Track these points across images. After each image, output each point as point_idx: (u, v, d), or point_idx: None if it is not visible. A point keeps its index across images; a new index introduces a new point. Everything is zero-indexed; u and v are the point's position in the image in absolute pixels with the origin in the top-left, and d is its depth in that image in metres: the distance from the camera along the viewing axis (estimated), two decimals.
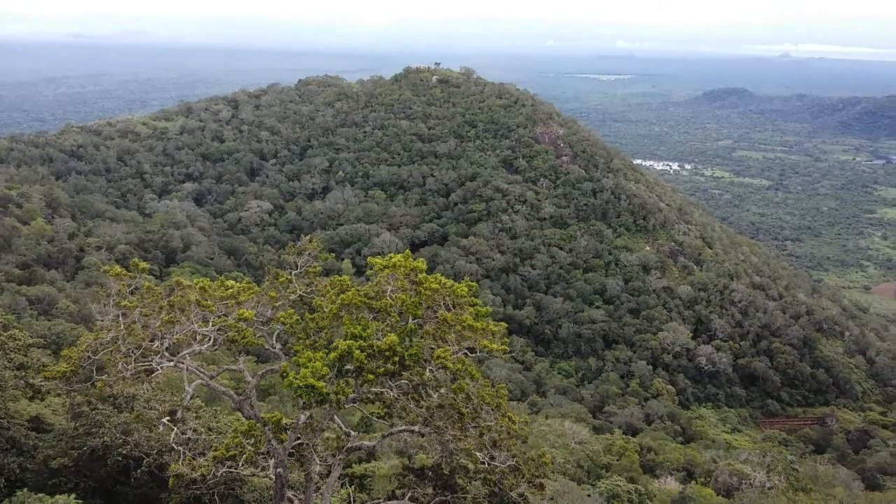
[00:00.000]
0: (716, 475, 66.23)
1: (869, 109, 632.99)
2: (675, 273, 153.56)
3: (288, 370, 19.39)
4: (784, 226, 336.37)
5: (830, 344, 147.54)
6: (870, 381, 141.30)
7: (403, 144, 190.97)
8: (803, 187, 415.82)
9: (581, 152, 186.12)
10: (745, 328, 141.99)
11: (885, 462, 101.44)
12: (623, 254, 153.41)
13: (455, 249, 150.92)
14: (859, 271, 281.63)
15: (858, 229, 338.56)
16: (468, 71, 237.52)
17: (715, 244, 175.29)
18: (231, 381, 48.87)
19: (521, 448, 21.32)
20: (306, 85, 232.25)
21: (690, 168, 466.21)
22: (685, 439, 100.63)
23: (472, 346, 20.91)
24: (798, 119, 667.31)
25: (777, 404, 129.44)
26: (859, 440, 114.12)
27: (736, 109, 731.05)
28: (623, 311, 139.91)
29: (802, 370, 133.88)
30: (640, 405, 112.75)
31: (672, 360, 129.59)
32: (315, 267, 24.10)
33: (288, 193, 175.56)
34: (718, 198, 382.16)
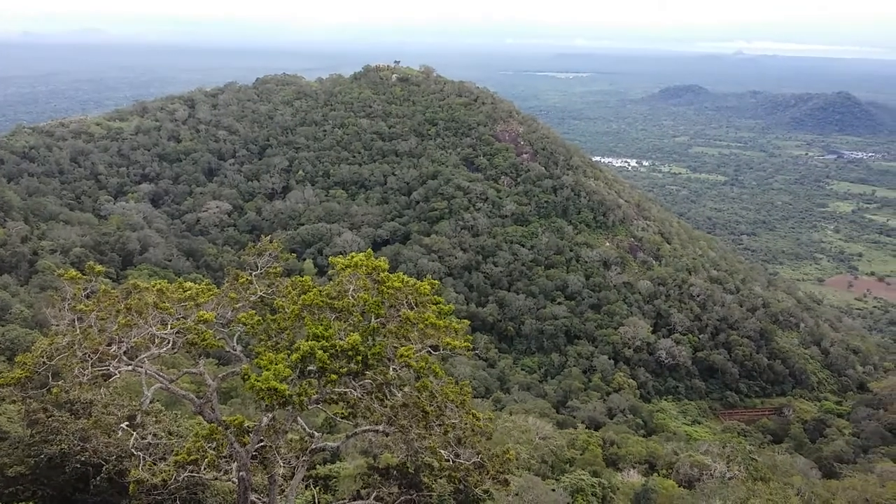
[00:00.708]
0: (677, 467, 67.24)
1: (820, 105, 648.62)
2: (634, 268, 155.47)
3: (249, 372, 19.16)
4: (740, 220, 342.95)
5: (786, 336, 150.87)
6: (825, 372, 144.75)
7: (364, 143, 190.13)
8: (758, 182, 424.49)
9: (541, 150, 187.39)
10: (704, 321, 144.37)
11: (840, 450, 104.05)
12: (584, 250, 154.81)
13: (417, 248, 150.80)
14: (813, 264, 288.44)
15: (812, 223, 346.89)
16: (428, 69, 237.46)
17: (673, 239, 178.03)
18: (192, 385, 48.25)
19: (485, 445, 21.37)
20: (264, 84, 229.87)
21: (648, 164, 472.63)
22: (647, 432, 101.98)
23: (435, 343, 20.90)
24: (752, 115, 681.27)
25: (736, 396, 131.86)
26: (816, 429, 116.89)
27: (692, 106, 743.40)
28: (584, 307, 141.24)
29: (760, 362, 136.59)
30: (603, 399, 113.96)
31: (633, 355, 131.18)
32: (276, 267, 23.87)
33: (247, 193, 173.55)
34: (676, 193, 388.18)
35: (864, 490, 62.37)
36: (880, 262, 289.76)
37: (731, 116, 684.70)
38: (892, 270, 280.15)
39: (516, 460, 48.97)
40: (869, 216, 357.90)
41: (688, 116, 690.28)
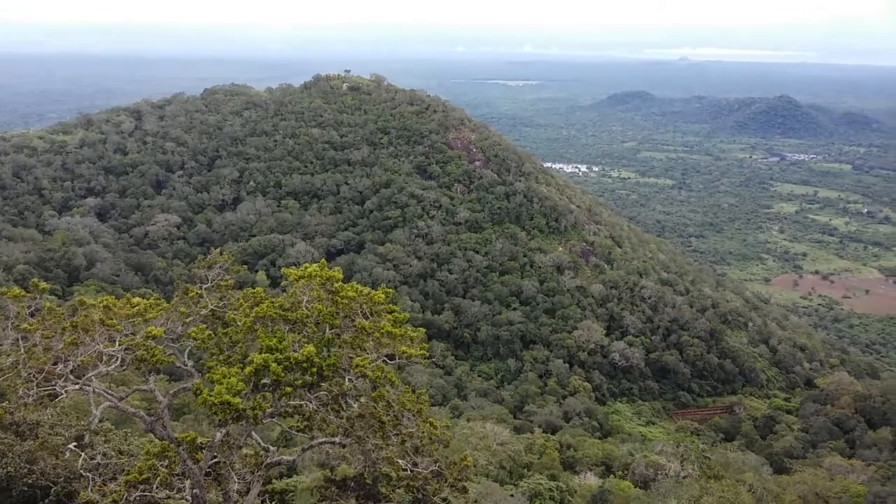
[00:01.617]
0: (633, 468, 68.10)
1: (763, 109, 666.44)
2: (587, 272, 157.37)
3: (202, 387, 18.85)
4: (688, 223, 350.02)
5: (735, 335, 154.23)
6: (773, 369, 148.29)
7: (316, 153, 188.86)
8: (704, 185, 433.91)
9: (493, 157, 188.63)
10: (656, 323, 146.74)
11: (790, 446, 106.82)
12: (537, 255, 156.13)
13: (372, 257, 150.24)
14: (759, 264, 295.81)
15: (757, 224, 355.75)
16: (379, 78, 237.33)
17: (624, 243, 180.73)
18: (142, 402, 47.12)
19: (443, 453, 21.38)
20: (212, 94, 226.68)
21: (598, 170, 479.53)
22: (603, 434, 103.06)
23: (391, 352, 20.84)
24: (698, 120, 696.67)
25: (688, 395, 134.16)
26: (766, 426, 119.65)
27: (639, 112, 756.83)
28: (539, 312, 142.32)
29: (710, 361, 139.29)
30: (559, 403, 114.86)
31: (587, 358, 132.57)
32: (227, 280, 23.53)
33: (197, 205, 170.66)
34: (625, 198, 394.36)
35: (813, 484, 64.07)
36: (824, 261, 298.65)
37: (677, 121, 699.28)
38: (836, 269, 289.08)
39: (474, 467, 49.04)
40: (812, 216, 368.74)
41: (636, 122, 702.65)
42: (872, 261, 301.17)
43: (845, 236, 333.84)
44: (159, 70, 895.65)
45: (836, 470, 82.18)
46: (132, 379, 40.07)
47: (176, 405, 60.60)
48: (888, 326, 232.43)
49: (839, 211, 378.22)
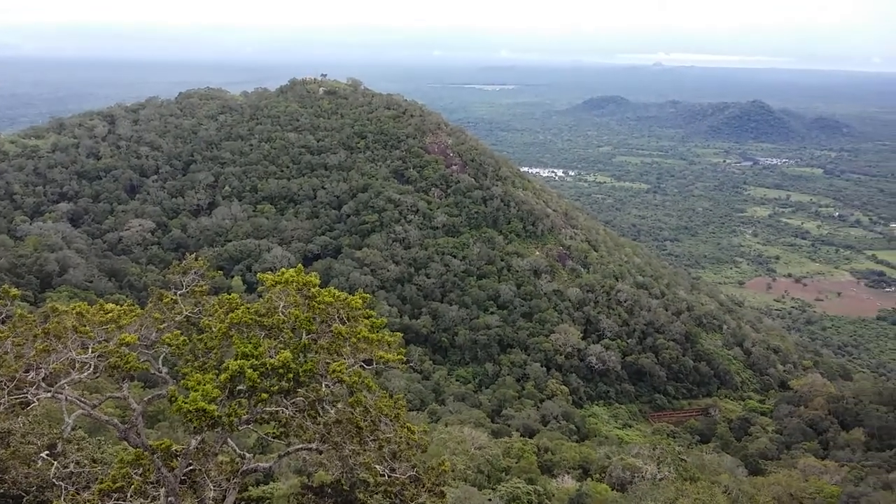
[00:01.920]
0: (610, 470, 68.47)
1: (736, 114, 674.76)
2: (564, 276, 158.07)
3: (176, 394, 18.67)
4: (663, 227, 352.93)
5: (710, 337, 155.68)
6: (747, 371, 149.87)
7: (292, 157, 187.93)
8: (679, 189, 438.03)
9: (470, 161, 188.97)
10: (632, 326, 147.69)
11: (765, 447, 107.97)
12: (514, 259, 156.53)
13: (349, 261, 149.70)
14: (733, 267, 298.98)
15: (731, 228, 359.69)
16: (355, 82, 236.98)
17: (600, 247, 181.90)
18: (116, 410, 46.58)
19: (420, 458, 21.34)
20: (187, 98, 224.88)
21: (574, 174, 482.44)
22: (580, 437, 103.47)
23: (368, 358, 20.79)
24: (672, 125, 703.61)
25: (664, 398, 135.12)
26: (741, 428, 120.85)
27: (614, 117, 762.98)
28: (516, 316, 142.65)
29: (686, 364, 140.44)
30: (536, 407, 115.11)
31: (565, 361, 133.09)
32: (202, 286, 23.34)
33: (171, 210, 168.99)
34: (601, 202, 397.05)
35: (788, 485, 64.78)
36: (797, 264, 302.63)
37: (652, 126, 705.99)
38: (808, 272, 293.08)
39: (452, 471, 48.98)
40: (785, 220, 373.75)
41: (611, 127, 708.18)
42: (844, 264, 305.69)
43: (817, 239, 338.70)
44: (133, 74, 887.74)
45: (810, 471, 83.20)
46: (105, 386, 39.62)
47: (150, 412, 59.92)
48: (860, 328, 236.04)
49: (811, 214, 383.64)
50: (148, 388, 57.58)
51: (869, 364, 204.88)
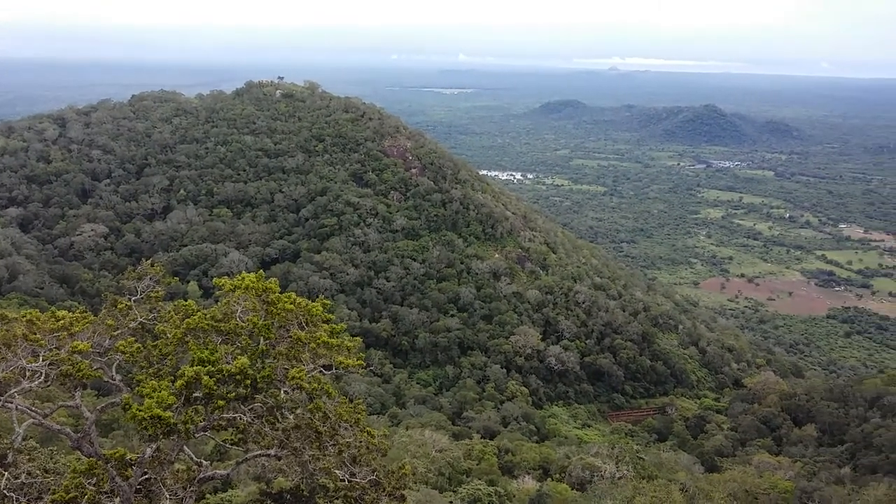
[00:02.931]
0: (569, 470, 69.04)
1: (690, 118, 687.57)
2: (523, 278, 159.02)
3: (130, 402, 18.33)
4: (619, 229, 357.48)
5: (666, 337, 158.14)
6: (703, 370, 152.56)
7: (249, 160, 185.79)
8: (635, 192, 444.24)
9: (429, 164, 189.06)
10: (590, 327, 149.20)
11: (720, 444, 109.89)
12: (474, 262, 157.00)
13: (308, 265, 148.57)
14: (688, 268, 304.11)
15: (686, 229, 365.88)
16: (313, 85, 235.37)
17: (558, 249, 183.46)
18: (69, 419, 45.60)
19: (381, 462, 21.25)
20: (141, 100, 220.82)
21: (532, 177, 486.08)
22: (540, 438, 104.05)
23: (327, 363, 20.66)
24: (628, 128, 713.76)
25: (622, 397, 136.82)
26: (697, 426, 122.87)
27: (571, 120, 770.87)
28: (476, 318, 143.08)
29: (643, 364, 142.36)
30: (497, 408, 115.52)
31: (524, 363, 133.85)
32: (157, 291, 22.97)
33: (125, 215, 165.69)
34: (559, 204, 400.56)
35: (743, 482, 66.03)
36: (749, 265, 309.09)
37: (608, 129, 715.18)
38: (760, 272, 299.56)
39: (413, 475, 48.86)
40: (737, 221, 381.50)
41: (568, 130, 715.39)
42: (795, 264, 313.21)
43: (769, 240, 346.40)
44: (83, 76, 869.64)
45: (765, 467, 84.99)
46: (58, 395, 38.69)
47: (104, 421, 58.79)
48: (810, 327, 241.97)
49: (763, 216, 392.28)
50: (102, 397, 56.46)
51: (820, 361, 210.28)
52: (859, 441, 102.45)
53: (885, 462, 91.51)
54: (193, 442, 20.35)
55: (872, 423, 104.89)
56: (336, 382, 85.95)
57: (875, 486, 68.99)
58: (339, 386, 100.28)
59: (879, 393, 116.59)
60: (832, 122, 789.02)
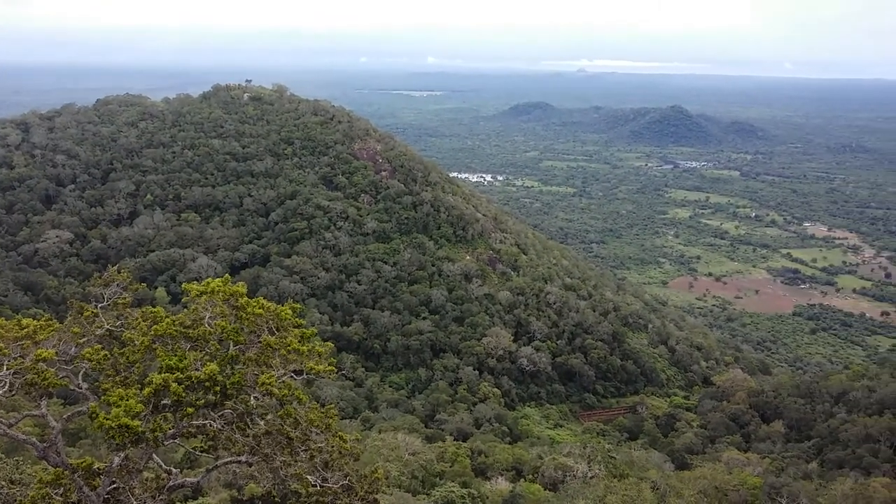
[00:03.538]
0: (542, 471, 69.39)
1: (656, 119, 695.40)
2: (494, 280, 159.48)
3: (97, 410, 18.09)
4: (589, 229, 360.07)
5: (636, 337, 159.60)
6: (672, 369, 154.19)
7: (217, 164, 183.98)
8: (604, 193, 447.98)
9: (399, 167, 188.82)
10: (561, 328, 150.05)
11: (690, 442, 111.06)
12: (445, 264, 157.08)
13: (278, 270, 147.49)
14: (657, 268, 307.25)
15: (654, 229, 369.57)
16: (281, 88, 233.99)
17: (529, 250, 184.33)
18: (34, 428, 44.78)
19: (353, 466, 21.19)
20: (106, 105, 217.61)
21: (503, 179, 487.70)
22: (513, 439, 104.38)
23: (298, 368, 20.57)
24: (596, 130, 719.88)
25: (593, 397, 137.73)
26: (667, 424, 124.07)
27: (540, 122, 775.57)
28: (448, 320, 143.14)
29: (613, 363, 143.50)
30: (469, 410, 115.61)
31: (496, 364, 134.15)
32: (124, 298, 22.68)
33: (90, 220, 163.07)
34: (529, 206, 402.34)
35: (713, 478, 66.83)
36: (716, 264, 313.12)
37: (576, 131, 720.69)
38: (728, 270, 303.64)
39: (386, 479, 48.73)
40: (704, 221, 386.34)
41: (537, 132, 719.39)
42: (761, 262, 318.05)
43: (735, 239, 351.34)
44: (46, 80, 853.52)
45: (734, 463, 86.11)
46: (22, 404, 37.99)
47: (71, 430, 57.86)
48: (777, 324, 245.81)
49: (729, 215, 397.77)
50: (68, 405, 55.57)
51: (786, 358, 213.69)
52: (826, 436, 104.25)
53: (852, 457, 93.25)
54: (163, 450, 20.13)
55: (838, 419, 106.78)
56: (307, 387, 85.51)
57: (842, 480, 70.23)
58: (311, 391, 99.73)
59: (845, 389, 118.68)
60: (796, 121, 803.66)
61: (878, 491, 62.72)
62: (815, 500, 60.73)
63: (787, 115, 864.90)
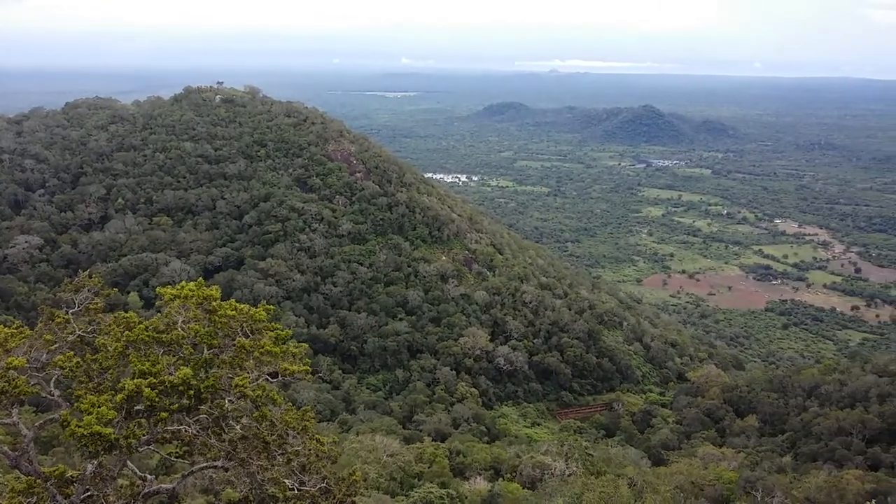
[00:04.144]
0: (520, 469, 69.65)
1: (629, 118, 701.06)
2: (470, 280, 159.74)
3: (69, 418, 17.85)
4: (564, 228, 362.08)
5: (612, 334, 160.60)
6: (647, 366, 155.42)
7: (189, 167, 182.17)
8: (578, 192, 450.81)
9: (374, 168, 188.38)
10: (537, 326, 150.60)
11: (666, 438, 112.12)
12: (421, 265, 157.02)
13: (252, 273, 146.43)
14: (631, 266, 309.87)
15: (628, 228, 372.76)
16: (253, 90, 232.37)
17: (505, 250, 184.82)
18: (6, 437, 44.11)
19: (331, 469, 21.11)
20: (75, 108, 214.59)
21: (477, 179, 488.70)
22: (491, 438, 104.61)
23: (273, 370, 20.46)
24: (569, 129, 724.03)
25: (570, 395, 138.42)
26: (643, 420, 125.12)
27: (514, 122, 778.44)
28: (425, 321, 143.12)
29: (589, 361, 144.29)
30: (447, 410, 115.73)
31: (473, 364, 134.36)
32: (96, 303, 22.41)
33: (61, 225, 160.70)
34: (504, 206, 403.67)
35: (689, 473, 67.60)
36: (689, 261, 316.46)
37: (550, 131, 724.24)
38: (701, 268, 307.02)
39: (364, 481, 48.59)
40: (677, 219, 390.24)
41: (511, 132, 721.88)
42: (733, 259, 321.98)
43: (708, 237, 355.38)
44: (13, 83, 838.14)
45: (709, 458, 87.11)
46: None
47: (44, 438, 57.02)
48: (750, 320, 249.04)
49: (702, 213, 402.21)
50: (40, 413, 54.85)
51: (759, 353, 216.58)
52: (799, 430, 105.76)
53: (825, 450, 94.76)
54: (137, 456, 19.93)
55: (811, 412, 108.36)
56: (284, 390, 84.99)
57: (815, 473, 71.46)
58: (288, 394, 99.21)
59: (817, 382, 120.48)
60: (766, 120, 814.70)
61: (851, 483, 63.85)
62: (790, 494, 61.60)
63: (757, 114, 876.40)
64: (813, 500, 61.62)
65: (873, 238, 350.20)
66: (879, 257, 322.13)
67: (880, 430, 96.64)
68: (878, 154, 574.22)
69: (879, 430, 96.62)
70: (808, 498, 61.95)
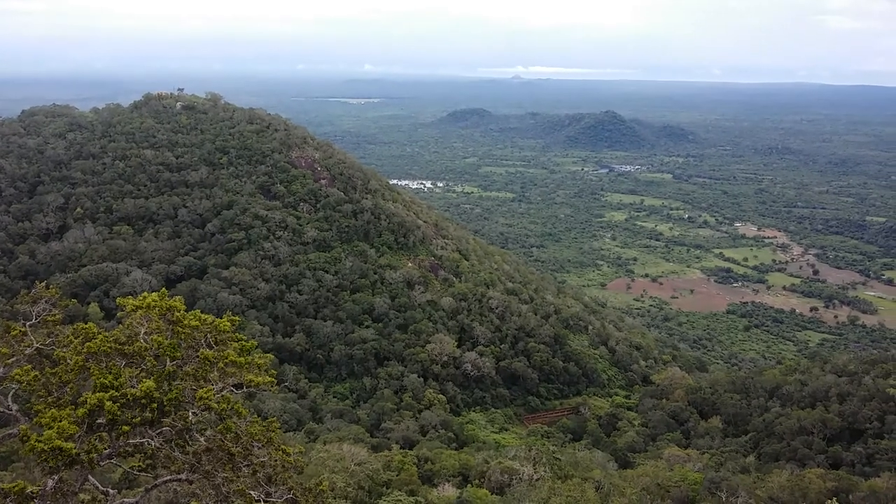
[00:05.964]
0: (489, 475, 69.67)
1: (591, 124, 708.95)
2: (437, 286, 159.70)
3: (29, 433, 17.46)
4: (529, 234, 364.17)
5: (577, 338, 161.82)
6: (613, 369, 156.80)
7: (149, 175, 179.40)
8: (542, 198, 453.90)
9: (339, 175, 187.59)
10: (504, 332, 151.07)
11: (632, 441, 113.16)
12: (387, 272, 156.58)
13: (216, 282, 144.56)
14: (595, 270, 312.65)
15: (591, 232, 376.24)
16: (215, 96, 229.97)
17: (470, 256, 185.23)
18: None
19: (297, 479, 20.95)
20: (32, 116, 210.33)
21: (443, 185, 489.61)
22: (459, 445, 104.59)
23: (237, 381, 20.25)
24: (533, 135, 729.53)
25: (537, 400, 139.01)
26: (609, 423, 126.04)
27: (478, 129, 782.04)
28: (392, 328, 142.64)
29: (556, 365, 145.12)
30: (415, 417, 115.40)
31: (441, 370, 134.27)
32: (55, 315, 21.98)
33: (17, 236, 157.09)
34: (470, 212, 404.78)
35: (655, 475, 68.28)
36: (652, 265, 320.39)
37: (514, 137, 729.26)
38: (663, 271, 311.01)
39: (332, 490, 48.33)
40: (640, 223, 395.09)
41: (475, 138, 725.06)
42: (695, 262, 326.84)
43: (670, 241, 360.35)
44: None
45: (675, 460, 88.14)
46: None
47: (2, 453, 55.72)
48: (712, 322, 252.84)
49: (663, 217, 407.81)
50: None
51: (722, 355, 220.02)
52: (762, 430, 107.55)
53: (787, 449, 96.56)
54: (99, 470, 19.53)
55: (773, 413, 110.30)
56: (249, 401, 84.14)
57: (778, 472, 72.65)
58: (254, 404, 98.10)
59: (778, 383, 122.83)
60: (724, 125, 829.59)
61: (813, 482, 65.09)
62: (754, 494, 62.58)
63: (716, 119, 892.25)
64: (776, 499, 62.68)
65: (830, 240, 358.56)
66: (836, 259, 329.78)
67: (840, 430, 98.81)
68: (833, 158, 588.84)
69: (840, 430, 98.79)
70: (772, 497, 63.00)
